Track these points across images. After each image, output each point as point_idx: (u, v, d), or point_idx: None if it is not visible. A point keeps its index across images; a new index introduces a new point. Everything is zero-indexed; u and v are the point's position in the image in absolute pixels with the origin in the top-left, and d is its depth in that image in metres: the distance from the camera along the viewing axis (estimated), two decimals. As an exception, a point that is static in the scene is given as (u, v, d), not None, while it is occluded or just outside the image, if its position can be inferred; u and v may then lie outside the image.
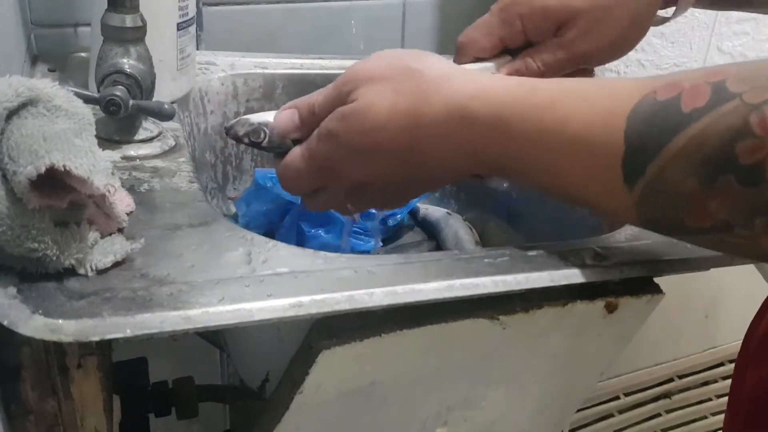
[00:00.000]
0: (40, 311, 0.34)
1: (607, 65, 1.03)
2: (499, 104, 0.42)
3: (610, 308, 0.47)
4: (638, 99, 0.37)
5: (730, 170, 0.33)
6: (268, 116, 0.48)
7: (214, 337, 0.65)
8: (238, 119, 0.49)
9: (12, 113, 0.37)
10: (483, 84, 0.43)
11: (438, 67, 0.44)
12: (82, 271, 0.37)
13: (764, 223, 0.33)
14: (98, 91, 0.52)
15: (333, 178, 0.46)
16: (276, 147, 0.48)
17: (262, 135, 0.47)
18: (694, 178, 0.34)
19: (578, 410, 1.12)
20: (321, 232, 0.65)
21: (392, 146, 0.43)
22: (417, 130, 0.43)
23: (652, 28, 0.54)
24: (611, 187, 0.38)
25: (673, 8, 0.56)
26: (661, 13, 0.56)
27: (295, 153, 0.47)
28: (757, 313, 0.57)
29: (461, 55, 0.54)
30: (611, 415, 1.22)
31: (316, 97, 0.46)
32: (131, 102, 0.51)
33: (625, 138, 0.37)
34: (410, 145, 0.43)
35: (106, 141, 0.53)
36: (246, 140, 0.48)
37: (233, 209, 0.70)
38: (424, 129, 0.43)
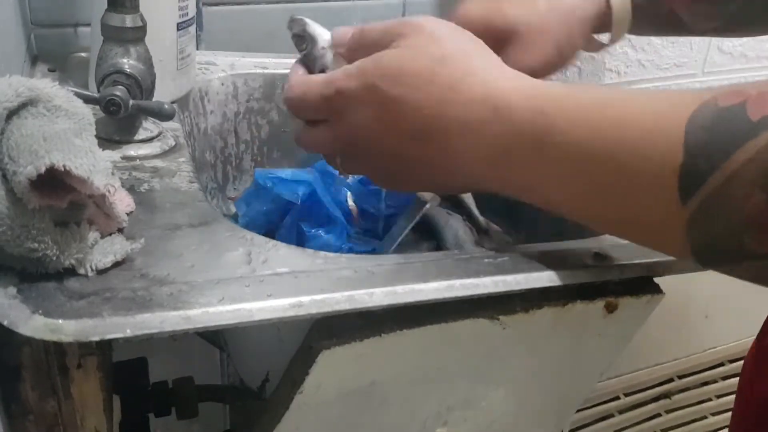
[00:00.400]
0: (40, 311, 0.34)
1: (606, 64, 1.03)
2: (540, 98, 0.38)
3: (610, 308, 0.47)
4: (698, 105, 0.34)
5: None
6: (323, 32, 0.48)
7: (214, 337, 0.65)
8: (298, 18, 0.49)
9: (12, 113, 0.37)
10: (527, 79, 0.41)
11: (488, 55, 0.43)
12: (82, 271, 0.37)
13: None
14: (98, 91, 0.52)
15: (336, 115, 0.43)
16: (312, 61, 0.47)
17: (306, 44, 0.48)
18: (762, 193, 0.31)
19: (578, 410, 1.12)
20: (321, 232, 0.65)
21: (416, 109, 0.40)
22: (447, 105, 0.40)
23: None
24: (662, 202, 0.34)
25: (608, 34, 0.57)
26: (601, 38, 0.57)
27: (318, 75, 0.45)
28: (764, 325, 0.56)
29: None
30: (611, 416, 1.22)
31: (371, 26, 0.44)
32: (131, 102, 0.51)
33: (685, 145, 0.33)
34: (435, 121, 0.40)
35: (106, 141, 0.53)
36: (294, 39, 0.48)
37: (233, 209, 0.70)
38: (454, 107, 0.40)
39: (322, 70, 0.47)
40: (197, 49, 0.70)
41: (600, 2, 0.54)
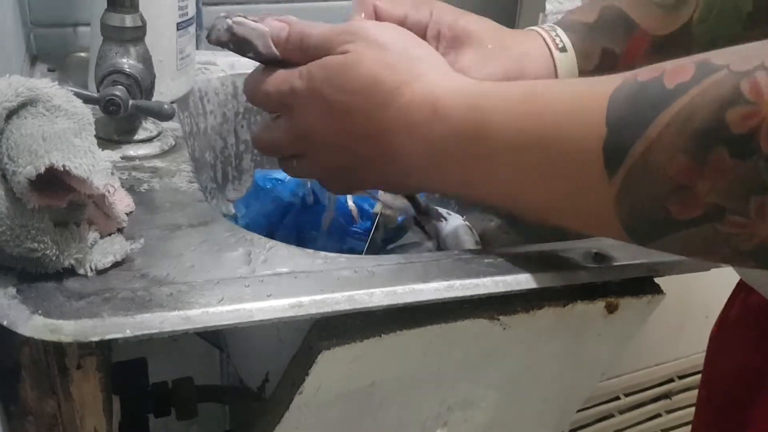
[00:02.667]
0: (40, 311, 0.34)
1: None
2: (476, 95, 0.40)
3: (611, 308, 0.47)
4: (619, 83, 0.35)
5: (721, 141, 0.30)
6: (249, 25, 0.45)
7: (214, 338, 0.65)
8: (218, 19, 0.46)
9: (11, 113, 0.36)
10: (466, 79, 0.42)
11: (433, 58, 0.44)
12: (81, 271, 0.37)
13: (759, 203, 0.31)
14: (98, 91, 0.52)
15: (290, 112, 0.45)
16: (254, 54, 0.46)
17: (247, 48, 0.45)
18: (682, 155, 0.31)
19: (578, 410, 1.12)
20: (321, 233, 0.65)
21: (360, 113, 0.42)
22: (389, 109, 0.41)
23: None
24: (590, 180, 0.35)
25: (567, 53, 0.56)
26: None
27: (279, 72, 0.45)
28: (728, 300, 0.57)
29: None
30: (611, 416, 1.22)
31: (311, 30, 0.44)
32: (131, 102, 0.51)
33: (607, 120, 0.34)
34: (378, 123, 0.42)
35: (106, 141, 0.53)
36: (230, 46, 0.46)
37: (233, 210, 0.70)
38: (396, 111, 0.41)
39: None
40: (197, 49, 0.70)
41: (548, 65, 0.53)
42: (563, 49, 0.51)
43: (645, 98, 0.33)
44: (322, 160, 0.46)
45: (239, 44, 0.45)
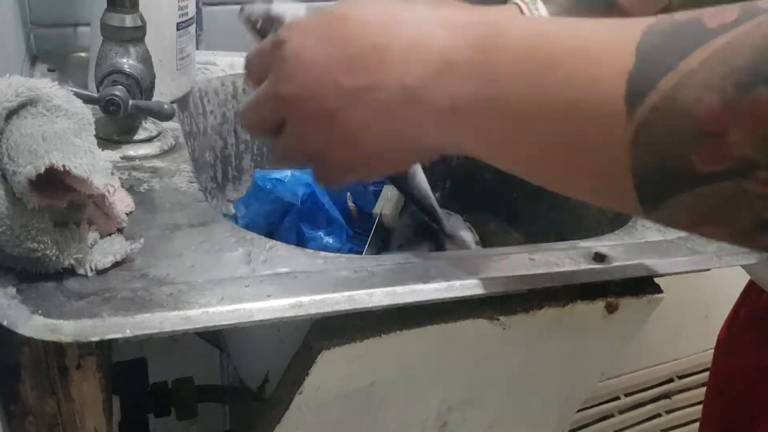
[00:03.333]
0: (40, 311, 0.34)
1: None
2: (493, 14, 0.36)
3: (611, 308, 0.47)
4: (654, 20, 0.31)
5: (763, 83, 0.26)
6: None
7: (214, 338, 0.65)
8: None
9: (11, 113, 0.36)
10: (485, 8, 0.39)
11: None
12: (81, 271, 0.37)
13: None
14: (98, 91, 0.52)
15: (280, 48, 0.40)
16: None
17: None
18: (716, 95, 0.27)
19: (578, 410, 1.12)
20: (321, 233, 0.65)
21: (362, 27, 0.38)
22: (395, 25, 0.37)
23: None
24: (608, 113, 0.30)
25: None
26: None
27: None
28: (737, 302, 0.57)
29: None
30: (611, 416, 1.22)
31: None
32: (131, 102, 0.51)
33: (637, 50, 0.30)
34: (378, 40, 0.37)
35: (106, 141, 0.53)
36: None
37: (233, 210, 0.70)
38: (403, 26, 0.37)
39: None
40: (197, 49, 0.70)
41: None
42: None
43: (682, 34, 0.29)
44: (305, 122, 0.41)
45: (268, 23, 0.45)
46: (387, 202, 0.63)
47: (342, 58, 0.38)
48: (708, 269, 0.48)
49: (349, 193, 0.69)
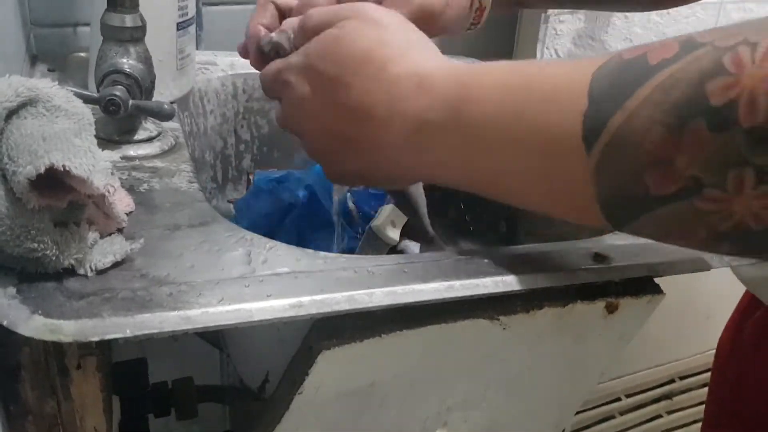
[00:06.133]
0: (40, 311, 0.34)
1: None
2: (461, 72, 0.40)
3: (611, 309, 0.47)
4: (604, 61, 0.35)
5: (700, 113, 0.30)
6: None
7: (214, 338, 0.65)
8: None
9: (11, 113, 0.36)
10: (451, 61, 0.43)
11: (426, 43, 0.44)
12: (81, 271, 0.37)
13: (737, 176, 0.30)
14: (98, 91, 0.52)
15: (285, 91, 0.46)
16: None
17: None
18: (660, 127, 0.31)
19: (579, 412, 1.12)
20: (320, 234, 0.65)
21: (348, 88, 0.42)
22: (376, 84, 0.41)
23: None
24: (568, 154, 0.35)
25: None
26: None
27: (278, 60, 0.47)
28: (740, 312, 0.57)
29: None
30: (612, 417, 1.22)
31: (312, 11, 0.46)
32: (131, 102, 0.51)
33: (589, 93, 0.34)
34: (364, 98, 0.41)
35: (106, 141, 0.53)
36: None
37: (233, 212, 0.70)
38: (382, 85, 0.41)
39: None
40: (197, 49, 0.70)
41: None
42: None
43: (627, 73, 0.33)
44: (313, 141, 0.46)
45: (276, 50, 0.48)
46: (382, 214, 0.62)
47: (338, 116, 0.43)
48: (708, 269, 0.48)
49: (349, 194, 0.69)
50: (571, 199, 0.37)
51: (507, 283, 0.42)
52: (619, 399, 1.21)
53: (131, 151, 0.53)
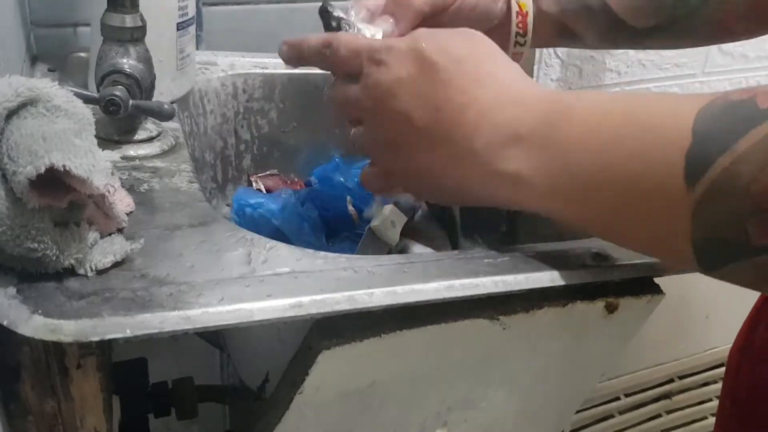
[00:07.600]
0: (40, 311, 0.34)
1: (607, 65, 1.02)
2: (560, 92, 0.41)
3: (611, 308, 0.47)
4: (709, 100, 0.34)
5: None
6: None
7: (214, 338, 0.65)
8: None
9: (12, 113, 0.36)
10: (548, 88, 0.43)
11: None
12: (81, 271, 0.37)
13: None
14: (98, 91, 0.52)
15: (375, 67, 0.44)
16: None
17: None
18: None
19: (578, 411, 1.12)
20: (320, 235, 0.65)
21: (449, 80, 0.41)
22: (477, 86, 0.41)
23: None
24: (669, 187, 0.33)
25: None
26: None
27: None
28: (758, 311, 0.57)
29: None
30: (612, 416, 1.22)
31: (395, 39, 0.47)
32: (131, 102, 0.51)
33: (693, 130, 0.33)
34: (460, 95, 0.41)
35: (106, 141, 0.53)
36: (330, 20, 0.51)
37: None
38: (482, 89, 0.41)
39: None
40: (197, 49, 0.70)
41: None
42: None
43: (736, 114, 0.32)
44: (377, 129, 0.45)
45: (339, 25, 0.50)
46: (381, 215, 0.62)
47: (427, 107, 0.42)
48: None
49: (349, 197, 0.69)
50: (666, 233, 0.35)
51: (507, 283, 0.42)
52: (618, 398, 1.21)
53: (131, 151, 0.53)
